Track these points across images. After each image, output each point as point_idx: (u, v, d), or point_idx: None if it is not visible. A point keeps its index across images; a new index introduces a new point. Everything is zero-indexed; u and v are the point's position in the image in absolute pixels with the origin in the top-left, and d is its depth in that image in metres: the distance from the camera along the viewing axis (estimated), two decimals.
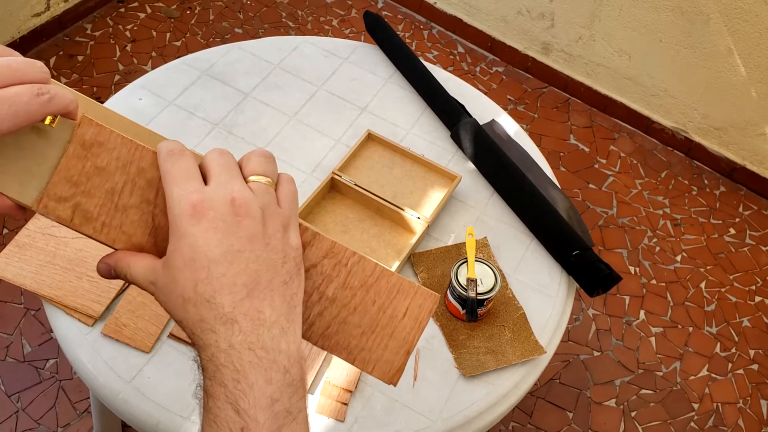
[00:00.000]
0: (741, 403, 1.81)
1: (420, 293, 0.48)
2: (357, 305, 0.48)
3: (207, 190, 0.43)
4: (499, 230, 1.17)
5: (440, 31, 2.61)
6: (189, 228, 0.42)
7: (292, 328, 0.43)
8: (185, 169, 0.44)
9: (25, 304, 1.73)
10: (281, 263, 0.44)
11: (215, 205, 0.42)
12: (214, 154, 0.45)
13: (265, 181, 0.45)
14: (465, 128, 1.25)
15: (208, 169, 0.45)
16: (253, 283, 0.42)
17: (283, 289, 0.43)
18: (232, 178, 0.44)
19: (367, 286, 0.48)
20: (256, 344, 0.41)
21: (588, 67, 2.38)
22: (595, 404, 1.76)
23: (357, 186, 1.15)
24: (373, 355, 0.49)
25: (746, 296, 2.01)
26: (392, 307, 0.48)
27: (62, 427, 1.56)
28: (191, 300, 0.42)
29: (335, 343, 0.49)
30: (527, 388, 1.01)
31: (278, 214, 0.45)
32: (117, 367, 0.94)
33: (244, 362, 0.41)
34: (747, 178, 2.27)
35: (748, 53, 2.04)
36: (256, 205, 0.43)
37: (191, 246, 0.42)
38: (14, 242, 1.02)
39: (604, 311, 1.93)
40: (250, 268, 0.42)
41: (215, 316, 0.41)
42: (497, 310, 1.07)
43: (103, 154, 0.45)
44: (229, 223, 0.42)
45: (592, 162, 2.28)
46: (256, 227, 0.43)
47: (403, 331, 0.48)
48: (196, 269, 0.42)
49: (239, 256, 0.42)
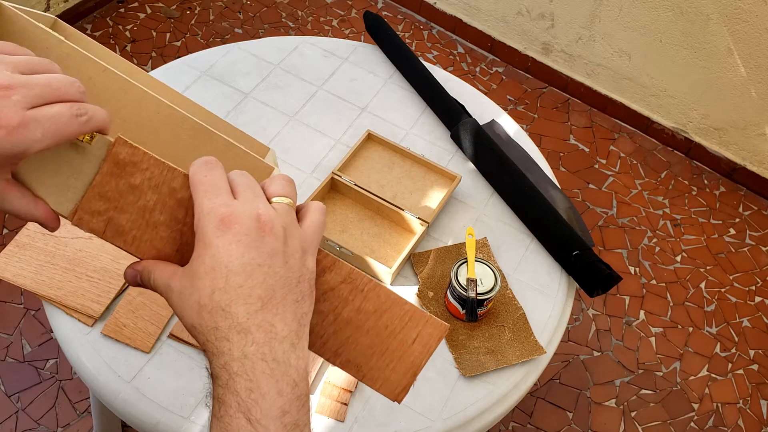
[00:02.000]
0: (741, 403, 1.81)
1: (431, 323, 0.50)
2: (370, 328, 0.50)
3: (235, 204, 0.44)
4: (499, 230, 1.17)
5: (440, 31, 2.61)
6: (214, 239, 0.43)
7: (301, 344, 0.45)
8: (217, 181, 0.45)
9: (25, 304, 1.73)
10: (296, 282, 0.45)
11: (242, 219, 0.44)
12: (236, 175, 0.47)
13: (287, 202, 0.47)
14: (465, 128, 1.25)
15: (234, 186, 0.46)
16: (268, 296, 0.43)
17: (295, 307, 0.45)
18: (258, 196, 0.46)
19: (380, 312, 0.50)
20: (269, 356, 0.42)
21: (588, 68, 2.38)
22: (595, 404, 1.76)
23: (357, 186, 1.15)
24: (381, 374, 0.51)
25: (746, 296, 2.01)
26: (403, 333, 0.50)
27: (62, 427, 1.56)
28: (207, 307, 0.43)
29: (346, 360, 0.51)
30: (527, 388, 1.01)
31: (299, 236, 0.46)
32: (117, 367, 0.94)
33: (258, 372, 0.42)
34: (747, 178, 2.27)
35: (748, 53, 2.04)
36: (280, 223, 0.45)
37: (213, 255, 0.43)
38: (14, 242, 1.02)
39: (604, 311, 1.93)
40: (267, 282, 0.43)
41: (230, 325, 0.42)
42: (497, 310, 1.07)
43: (136, 174, 0.46)
44: (253, 238, 0.43)
45: (592, 162, 2.28)
46: (277, 244, 0.44)
47: (412, 355, 0.50)
48: (216, 278, 0.43)
49: (258, 269, 0.43)
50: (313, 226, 0.48)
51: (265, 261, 0.43)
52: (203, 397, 0.93)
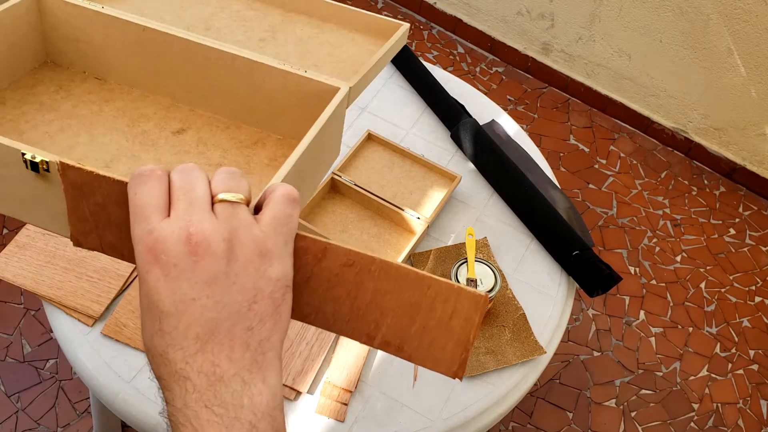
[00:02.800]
0: (741, 403, 1.81)
1: (463, 295, 0.44)
2: (395, 308, 0.45)
3: (162, 227, 0.38)
4: (499, 230, 1.17)
5: (440, 31, 2.61)
6: (144, 274, 0.38)
7: (259, 377, 0.38)
8: (146, 200, 0.38)
9: (25, 304, 1.73)
10: (247, 306, 0.38)
11: (168, 245, 0.37)
12: (175, 175, 0.40)
13: (233, 198, 0.39)
14: (465, 128, 1.25)
15: (171, 194, 0.39)
16: (208, 334, 0.37)
17: (247, 336, 0.38)
18: (191, 205, 0.38)
19: (399, 290, 0.45)
20: (214, 402, 0.37)
21: (588, 68, 2.38)
22: (595, 404, 1.76)
23: (357, 186, 1.15)
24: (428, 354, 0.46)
25: (746, 296, 2.01)
26: (436, 310, 0.45)
27: (62, 427, 1.56)
28: (150, 351, 0.39)
29: (384, 342, 0.46)
30: (527, 388, 1.01)
31: (253, 240, 0.39)
32: (117, 367, 0.94)
33: (202, 421, 0.37)
34: (747, 178, 2.27)
35: (748, 53, 2.04)
36: (219, 236, 0.38)
37: (146, 294, 0.38)
38: (14, 242, 1.02)
39: (604, 311, 1.93)
40: (204, 317, 0.37)
41: (169, 373, 0.37)
42: (497, 310, 1.07)
43: (96, 193, 0.44)
44: (182, 268, 0.37)
45: (592, 162, 2.28)
46: (216, 266, 0.37)
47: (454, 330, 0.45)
48: (152, 320, 0.38)
49: (192, 305, 0.37)
50: (274, 222, 0.40)
51: (200, 292, 0.37)
52: None
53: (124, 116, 0.71)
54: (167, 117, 0.72)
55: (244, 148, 0.71)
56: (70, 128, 0.68)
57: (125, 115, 0.71)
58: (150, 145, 0.69)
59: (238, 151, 0.71)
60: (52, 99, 0.69)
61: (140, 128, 0.70)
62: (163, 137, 0.70)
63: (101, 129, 0.69)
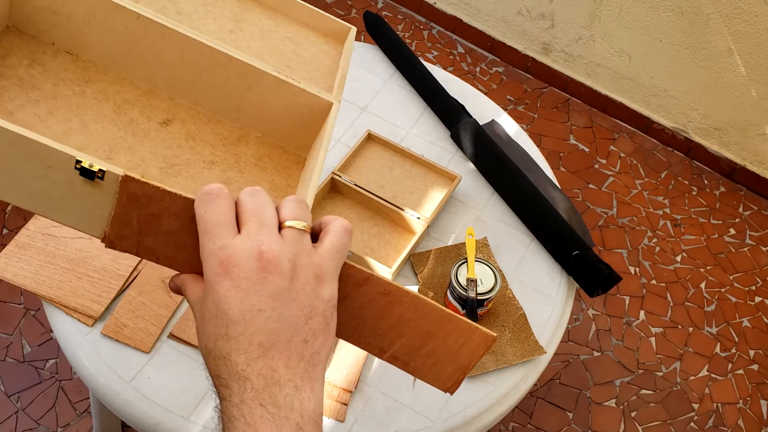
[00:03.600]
0: (741, 403, 1.81)
1: (478, 333, 0.50)
2: (413, 333, 0.50)
3: (235, 244, 0.42)
4: (499, 230, 1.17)
5: (440, 31, 2.61)
6: (215, 284, 0.42)
7: (309, 385, 0.43)
8: (217, 217, 0.43)
9: (25, 304, 1.73)
10: (304, 321, 0.43)
11: (241, 261, 0.42)
12: (245, 196, 0.44)
13: (300, 226, 0.44)
14: (465, 128, 1.25)
15: (240, 213, 0.44)
16: (270, 342, 0.42)
17: (302, 348, 0.43)
18: (263, 226, 0.43)
19: (420, 319, 0.50)
20: (268, 401, 0.41)
21: (588, 68, 2.38)
22: (595, 404, 1.76)
23: (357, 186, 1.15)
24: (430, 372, 0.51)
25: (746, 296, 2.01)
26: (450, 339, 0.50)
27: (62, 427, 1.56)
28: (212, 353, 0.43)
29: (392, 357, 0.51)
30: (527, 388, 1.01)
31: (311, 264, 0.44)
32: (117, 367, 0.94)
33: (255, 417, 0.41)
34: (747, 178, 2.27)
35: (748, 53, 2.04)
36: (286, 257, 0.42)
37: (215, 302, 0.42)
38: (14, 242, 1.02)
39: (604, 311, 1.93)
40: (269, 327, 0.42)
41: (229, 373, 0.42)
42: (497, 310, 1.07)
43: (152, 204, 0.46)
44: (253, 281, 0.41)
45: (592, 162, 2.28)
46: (282, 283, 0.42)
47: (460, 357, 0.51)
48: (218, 325, 0.42)
49: (259, 315, 0.42)
50: (332, 249, 0.45)
51: (267, 305, 0.42)
52: (203, 397, 0.93)
53: (108, 100, 0.71)
54: (150, 105, 0.73)
55: (230, 145, 0.73)
56: (59, 111, 0.67)
57: (108, 99, 0.71)
58: (142, 137, 0.70)
59: (226, 148, 0.73)
60: (30, 75, 0.68)
61: (127, 116, 0.71)
62: (153, 128, 0.71)
63: (90, 114, 0.69)
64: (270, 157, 0.75)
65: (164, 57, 0.71)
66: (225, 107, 0.74)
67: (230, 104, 0.73)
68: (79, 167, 0.46)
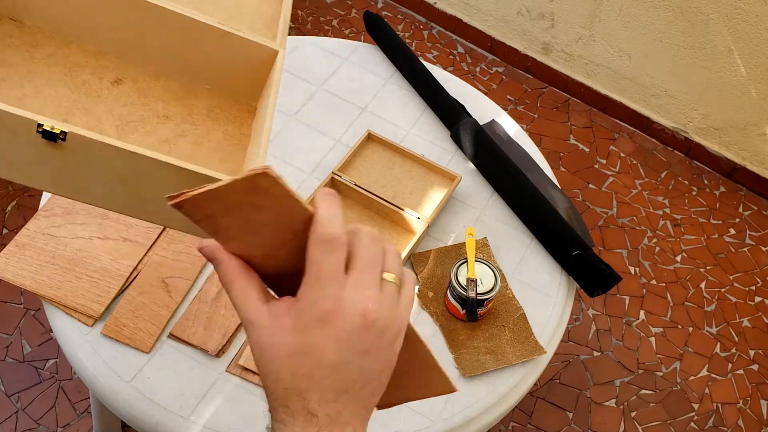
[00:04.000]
0: (741, 403, 1.81)
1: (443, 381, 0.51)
2: None
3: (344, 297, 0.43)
4: (499, 230, 1.17)
5: (440, 31, 2.61)
6: (312, 330, 0.43)
7: (362, 429, 0.45)
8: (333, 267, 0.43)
9: (25, 304, 1.73)
10: (377, 375, 0.45)
11: (347, 317, 0.42)
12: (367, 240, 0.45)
13: (397, 282, 0.45)
14: (465, 128, 1.25)
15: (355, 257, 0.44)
16: (345, 389, 0.43)
17: (367, 399, 0.45)
18: (373, 281, 0.44)
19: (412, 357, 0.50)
20: None
21: (588, 67, 2.38)
22: (595, 404, 1.76)
23: (357, 186, 1.15)
24: None
25: (746, 296, 2.01)
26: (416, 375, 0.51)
27: (62, 427, 1.56)
28: (284, 382, 0.43)
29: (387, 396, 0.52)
30: (527, 388, 1.02)
31: (396, 320, 0.45)
32: (117, 367, 0.94)
33: None
34: (747, 178, 2.27)
35: (748, 53, 2.04)
36: (384, 316, 0.44)
37: (309, 345, 0.43)
38: (14, 242, 1.02)
39: (604, 311, 1.93)
40: (349, 377, 0.43)
41: (300, 407, 0.43)
42: (497, 310, 1.07)
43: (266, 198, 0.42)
44: (351, 335, 0.43)
45: (592, 162, 2.28)
46: (373, 340, 0.43)
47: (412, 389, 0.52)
48: (302, 363, 0.43)
49: (345, 367, 0.43)
50: (409, 304, 0.46)
51: (355, 359, 0.43)
52: (203, 397, 0.93)
53: (58, 64, 0.71)
54: (100, 66, 0.73)
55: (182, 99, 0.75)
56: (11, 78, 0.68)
57: (58, 63, 0.72)
58: (95, 97, 0.71)
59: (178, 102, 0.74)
60: None
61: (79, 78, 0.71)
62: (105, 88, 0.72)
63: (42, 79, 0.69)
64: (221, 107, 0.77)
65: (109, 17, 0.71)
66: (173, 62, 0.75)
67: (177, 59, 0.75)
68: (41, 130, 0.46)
